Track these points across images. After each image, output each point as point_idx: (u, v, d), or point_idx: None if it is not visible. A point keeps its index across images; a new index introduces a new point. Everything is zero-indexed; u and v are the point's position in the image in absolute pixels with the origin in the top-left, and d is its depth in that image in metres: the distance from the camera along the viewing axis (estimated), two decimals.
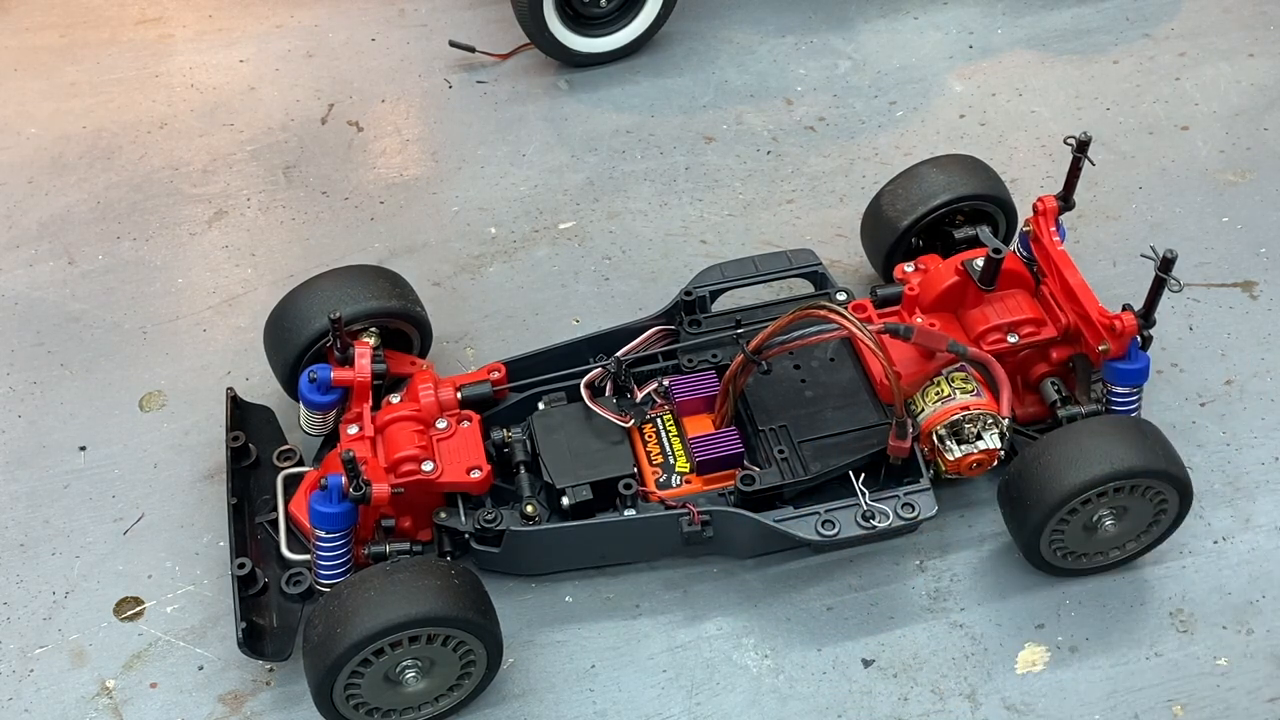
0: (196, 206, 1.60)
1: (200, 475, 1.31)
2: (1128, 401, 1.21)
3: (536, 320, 1.46)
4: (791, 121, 1.69)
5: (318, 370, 1.20)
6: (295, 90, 1.75)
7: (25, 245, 1.55)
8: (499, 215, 1.58)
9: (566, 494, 1.16)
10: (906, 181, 1.37)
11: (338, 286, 1.25)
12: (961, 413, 1.15)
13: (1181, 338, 1.41)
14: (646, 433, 1.21)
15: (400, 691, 1.08)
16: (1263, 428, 1.33)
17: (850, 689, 1.15)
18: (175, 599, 1.22)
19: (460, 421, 1.20)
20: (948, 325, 1.22)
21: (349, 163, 1.65)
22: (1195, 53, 1.77)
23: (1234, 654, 1.16)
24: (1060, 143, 1.52)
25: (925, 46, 1.80)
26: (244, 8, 1.88)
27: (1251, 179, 1.60)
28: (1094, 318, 1.17)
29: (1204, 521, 1.25)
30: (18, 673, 1.17)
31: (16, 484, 1.31)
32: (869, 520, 1.13)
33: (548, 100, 1.73)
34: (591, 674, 1.16)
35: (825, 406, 1.21)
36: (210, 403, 1.36)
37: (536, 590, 1.22)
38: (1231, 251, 1.51)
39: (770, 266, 1.34)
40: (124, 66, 1.79)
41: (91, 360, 1.43)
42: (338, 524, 1.10)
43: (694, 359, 1.26)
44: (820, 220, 1.56)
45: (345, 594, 1.04)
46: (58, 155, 1.66)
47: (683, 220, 1.57)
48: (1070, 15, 1.83)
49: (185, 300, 1.49)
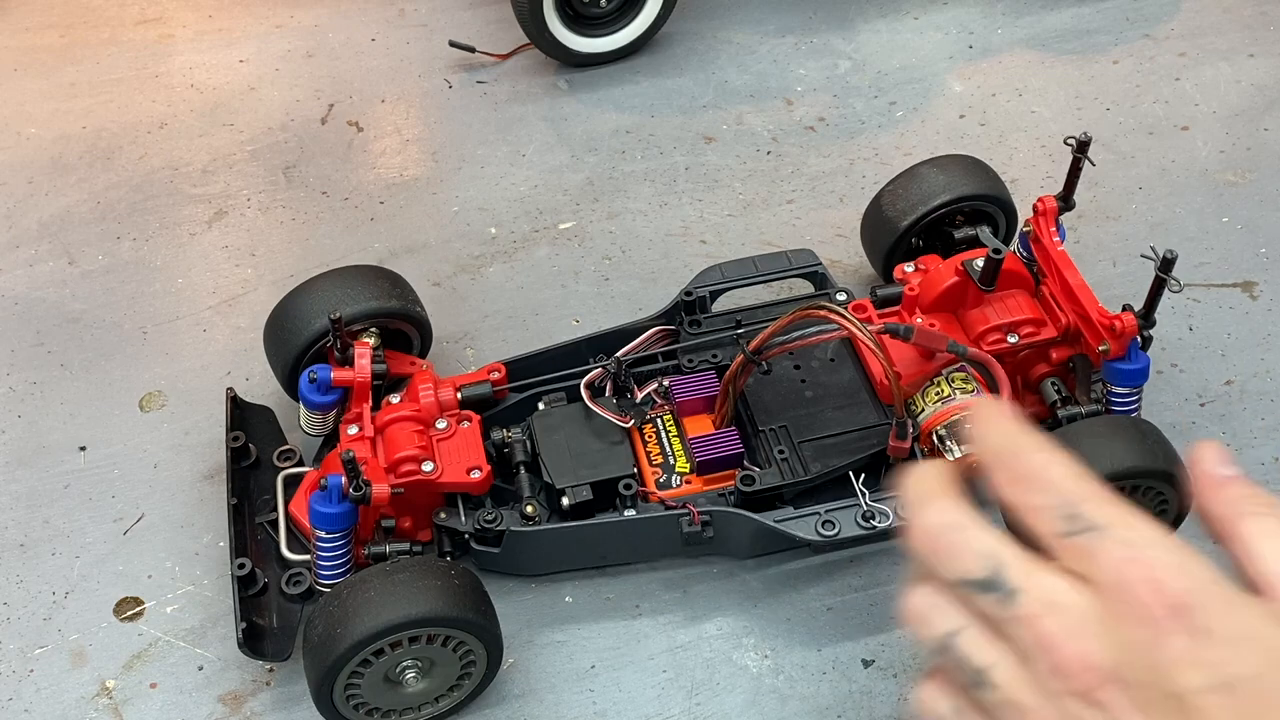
0: (196, 206, 1.60)
1: (200, 475, 1.31)
2: (1128, 402, 1.21)
3: (536, 320, 1.46)
4: (791, 121, 1.69)
5: (318, 370, 1.19)
6: (295, 90, 1.75)
7: (25, 245, 1.55)
8: (499, 215, 1.58)
9: (566, 494, 1.15)
10: (906, 181, 1.36)
11: (338, 286, 1.25)
12: (962, 413, 1.15)
13: (1181, 338, 1.41)
14: (646, 433, 1.21)
15: (400, 692, 1.08)
16: (1263, 428, 1.33)
17: (850, 689, 1.15)
18: (175, 599, 1.22)
19: (460, 422, 1.20)
20: (948, 325, 1.22)
21: (349, 163, 1.65)
22: (1195, 53, 1.77)
23: None
24: (1060, 143, 1.51)
25: (925, 46, 1.80)
26: (244, 8, 1.88)
27: (1251, 179, 1.60)
28: (1094, 318, 1.17)
29: None
30: (18, 673, 1.17)
31: (16, 484, 1.31)
32: (869, 520, 1.12)
33: (548, 100, 1.73)
34: (591, 674, 1.16)
35: (825, 407, 1.21)
36: (210, 403, 1.36)
37: (536, 590, 1.21)
38: (1231, 251, 1.51)
39: (770, 267, 1.34)
40: (124, 66, 1.79)
41: (91, 360, 1.43)
42: (338, 524, 1.10)
43: (694, 359, 1.26)
44: (820, 220, 1.56)
45: (345, 594, 1.03)
46: (58, 155, 1.66)
47: (683, 220, 1.57)
48: (1070, 15, 1.83)
49: (185, 300, 1.49)
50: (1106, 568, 0.45)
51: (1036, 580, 0.46)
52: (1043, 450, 0.50)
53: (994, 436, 0.51)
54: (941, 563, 0.49)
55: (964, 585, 0.48)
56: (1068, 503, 0.48)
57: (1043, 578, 0.46)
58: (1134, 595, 0.44)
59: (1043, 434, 0.52)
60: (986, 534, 0.49)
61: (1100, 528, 0.47)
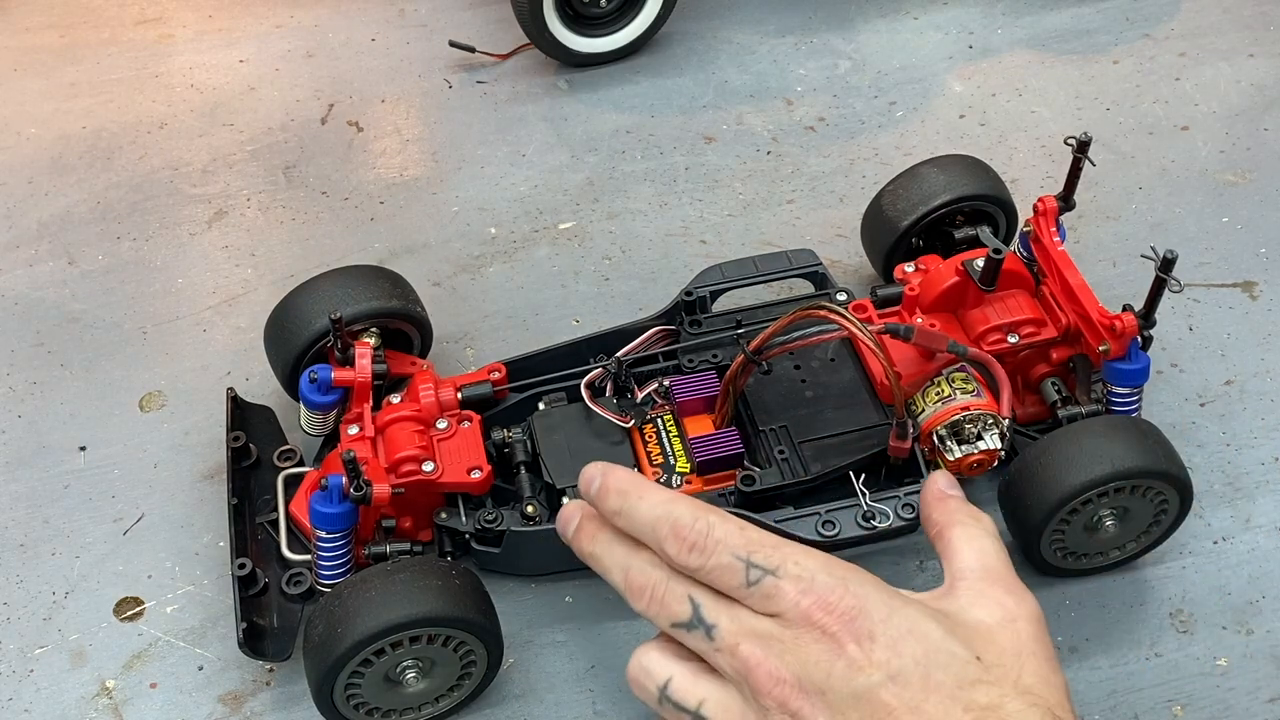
0: (196, 206, 1.59)
1: (200, 475, 1.31)
2: (1128, 402, 1.21)
3: (536, 320, 1.46)
4: (791, 121, 1.69)
5: (318, 370, 1.19)
6: (295, 90, 1.75)
7: (25, 245, 1.55)
8: (499, 215, 1.58)
9: (567, 494, 1.15)
10: (907, 181, 1.36)
11: (338, 286, 1.25)
12: (962, 413, 1.15)
13: (1181, 338, 1.41)
14: (647, 433, 1.21)
15: (400, 692, 1.08)
16: (1263, 428, 1.33)
17: None
18: (175, 599, 1.22)
19: (461, 422, 1.20)
20: (948, 325, 1.22)
21: (349, 163, 1.65)
22: (1195, 53, 1.77)
23: (1234, 654, 1.16)
24: (1060, 143, 1.52)
25: (925, 46, 1.80)
26: (244, 8, 1.88)
27: (1251, 179, 1.60)
28: (1094, 318, 1.17)
29: (1204, 521, 1.25)
30: (18, 673, 1.17)
31: (16, 484, 1.31)
32: (869, 520, 1.13)
33: (548, 100, 1.73)
34: (591, 674, 1.16)
35: (826, 407, 1.21)
36: (210, 403, 1.36)
37: (536, 590, 1.21)
38: (1231, 251, 1.51)
39: (770, 267, 1.33)
40: (124, 66, 1.79)
41: (91, 360, 1.43)
42: (338, 524, 1.10)
43: (694, 359, 1.26)
44: (820, 220, 1.56)
45: (345, 594, 1.03)
46: (58, 155, 1.66)
47: (683, 220, 1.57)
48: (1070, 15, 1.83)
49: (185, 300, 1.49)
50: (788, 600, 0.54)
51: (732, 614, 0.55)
52: (700, 513, 0.58)
53: (648, 510, 0.60)
54: (657, 612, 0.59)
55: (676, 628, 0.58)
56: (743, 554, 0.56)
57: (737, 612, 0.55)
58: (813, 618, 0.53)
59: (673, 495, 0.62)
60: (683, 582, 0.57)
61: (775, 569, 0.55)
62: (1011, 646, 0.52)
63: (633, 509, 0.59)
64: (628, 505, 0.59)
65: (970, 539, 0.59)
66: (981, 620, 0.53)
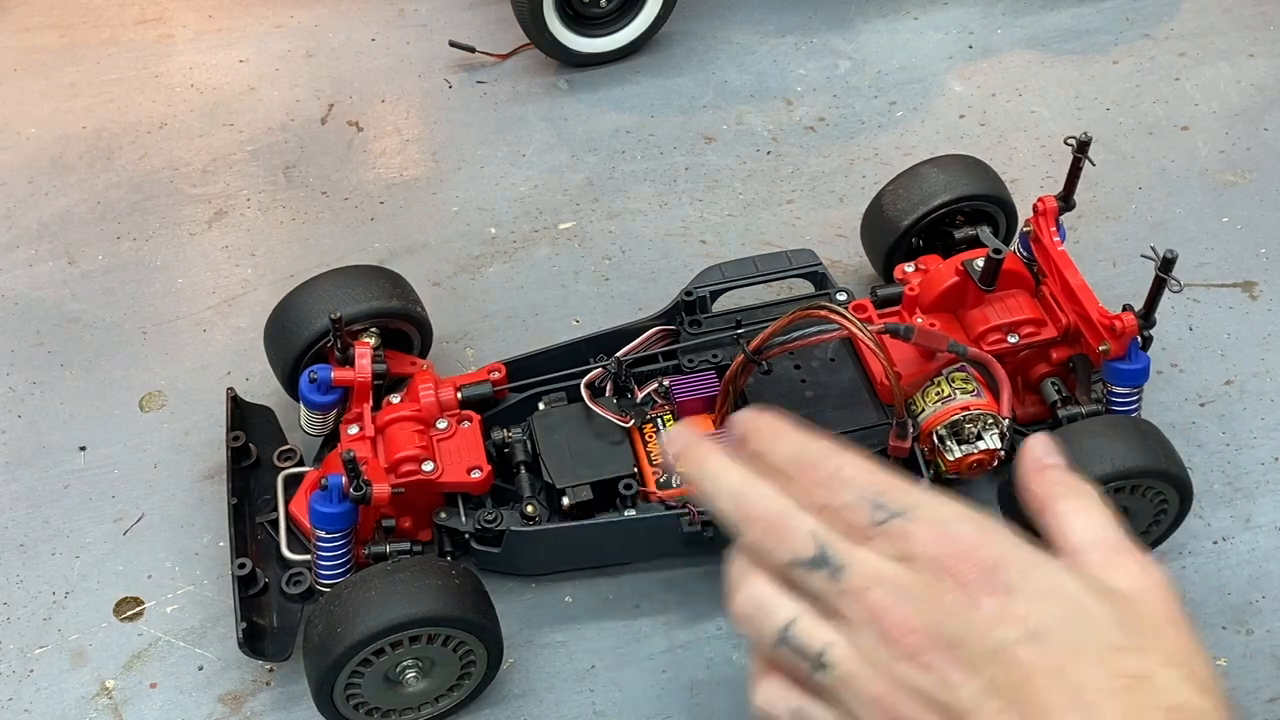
0: (196, 206, 1.60)
1: (200, 475, 1.31)
2: (1128, 402, 1.21)
3: (536, 320, 1.46)
4: (791, 121, 1.69)
5: (318, 370, 1.19)
6: (295, 90, 1.75)
7: (25, 245, 1.55)
8: (499, 215, 1.58)
9: (566, 494, 1.15)
10: (907, 181, 1.36)
11: (338, 286, 1.25)
12: (962, 413, 1.15)
13: (1181, 338, 1.41)
14: (647, 433, 1.21)
15: (400, 691, 1.08)
16: (1263, 428, 1.33)
17: None
18: (175, 599, 1.22)
19: (460, 422, 1.20)
20: (948, 325, 1.22)
21: (349, 163, 1.65)
22: (1195, 53, 1.77)
23: (1234, 654, 1.16)
24: (1060, 143, 1.51)
25: (925, 46, 1.80)
26: (244, 8, 1.88)
27: (1251, 179, 1.60)
28: (1094, 318, 1.17)
29: (1204, 521, 1.25)
30: (18, 673, 1.17)
31: (16, 484, 1.31)
32: None
33: (548, 100, 1.73)
34: (591, 674, 1.16)
35: (826, 406, 1.21)
36: (210, 403, 1.36)
37: (536, 590, 1.21)
38: (1231, 251, 1.51)
39: (770, 267, 1.33)
40: (124, 66, 1.79)
41: (91, 360, 1.43)
42: (338, 524, 1.10)
43: (694, 359, 1.26)
44: (820, 220, 1.56)
45: (345, 594, 1.04)
46: (58, 155, 1.66)
47: (683, 220, 1.57)
48: (1070, 15, 1.83)
49: (185, 300, 1.49)
50: (920, 545, 0.49)
51: (860, 556, 0.50)
52: (833, 453, 0.54)
53: (785, 449, 0.55)
54: (775, 545, 0.52)
55: (796, 565, 0.51)
56: (871, 495, 0.52)
57: (866, 554, 0.50)
58: (947, 565, 0.48)
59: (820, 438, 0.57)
60: (807, 518, 0.52)
61: (906, 512, 0.50)
62: (1156, 615, 0.49)
63: (773, 444, 0.55)
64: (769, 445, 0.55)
65: (1083, 511, 0.55)
66: (1120, 586, 0.49)
